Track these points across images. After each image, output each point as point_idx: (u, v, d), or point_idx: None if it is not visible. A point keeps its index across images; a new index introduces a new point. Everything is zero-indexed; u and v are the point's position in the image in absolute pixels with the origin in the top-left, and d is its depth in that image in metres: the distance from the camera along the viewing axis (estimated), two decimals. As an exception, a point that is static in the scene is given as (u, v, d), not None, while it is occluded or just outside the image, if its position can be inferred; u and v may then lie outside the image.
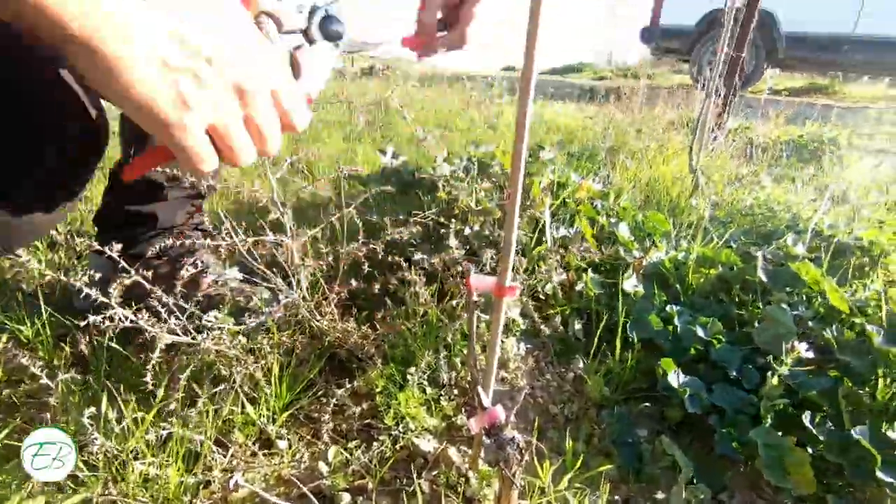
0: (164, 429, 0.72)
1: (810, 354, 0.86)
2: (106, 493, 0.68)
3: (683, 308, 1.11)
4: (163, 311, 0.80)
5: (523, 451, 0.66)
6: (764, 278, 1.11)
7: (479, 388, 0.70)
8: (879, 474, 0.73)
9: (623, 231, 1.30)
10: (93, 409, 0.68)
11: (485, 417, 0.67)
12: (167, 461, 0.71)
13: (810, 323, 1.01)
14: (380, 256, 1.02)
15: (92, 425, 0.66)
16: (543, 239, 1.29)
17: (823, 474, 0.82)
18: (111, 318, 0.71)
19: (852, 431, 0.77)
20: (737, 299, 1.21)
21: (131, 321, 0.74)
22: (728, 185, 2.16)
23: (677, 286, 1.23)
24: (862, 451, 0.75)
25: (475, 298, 0.68)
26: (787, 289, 1.18)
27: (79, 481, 0.70)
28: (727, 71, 2.69)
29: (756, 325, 1.08)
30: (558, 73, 11.89)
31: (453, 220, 1.27)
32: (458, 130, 3.06)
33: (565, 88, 7.04)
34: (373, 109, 3.22)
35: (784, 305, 1.06)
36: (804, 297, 1.19)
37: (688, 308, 1.15)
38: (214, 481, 0.73)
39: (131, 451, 0.70)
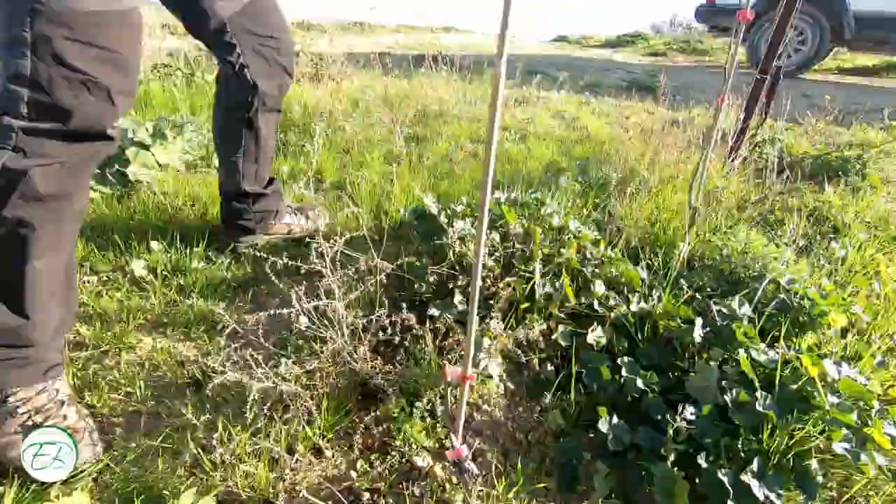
0: (255, 444, 1.15)
1: (692, 417, 1.17)
2: (224, 482, 1.12)
3: (633, 360, 1.42)
4: (252, 363, 1.22)
5: (476, 477, 1.04)
6: (698, 340, 1.40)
7: (452, 434, 1.08)
8: (729, 507, 1.05)
9: (598, 288, 1.60)
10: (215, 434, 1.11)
11: (453, 453, 1.05)
12: (258, 463, 1.14)
13: (723, 383, 1.30)
14: (402, 318, 1.40)
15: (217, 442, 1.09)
16: (536, 294, 1.62)
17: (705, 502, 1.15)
18: (221, 373, 1.13)
19: (718, 473, 1.09)
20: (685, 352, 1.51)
21: (231, 374, 1.16)
22: (728, 217, 2.36)
23: (638, 336, 1.54)
24: (724, 489, 1.08)
25: (449, 380, 1.05)
26: (727, 346, 1.46)
27: (206, 471, 1.14)
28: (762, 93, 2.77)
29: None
30: (611, 46, 11.54)
31: (460, 277, 1.62)
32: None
33: (612, 73, 6.97)
34: (412, 123, 3.55)
35: (713, 363, 1.35)
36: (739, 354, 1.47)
37: (642, 358, 1.46)
38: (287, 479, 1.16)
39: (237, 456, 1.13)
